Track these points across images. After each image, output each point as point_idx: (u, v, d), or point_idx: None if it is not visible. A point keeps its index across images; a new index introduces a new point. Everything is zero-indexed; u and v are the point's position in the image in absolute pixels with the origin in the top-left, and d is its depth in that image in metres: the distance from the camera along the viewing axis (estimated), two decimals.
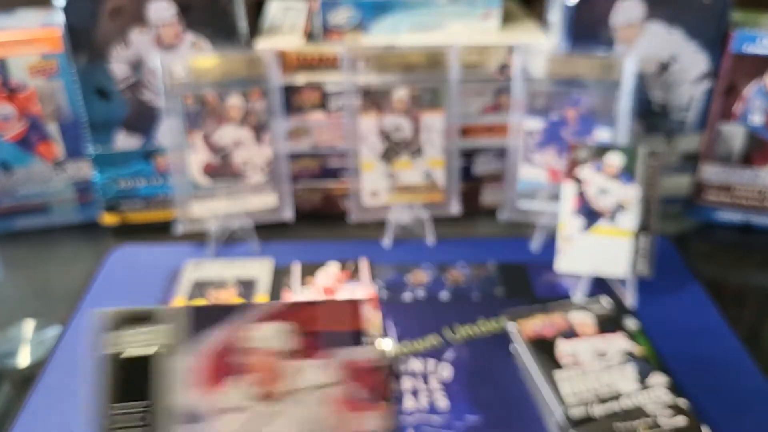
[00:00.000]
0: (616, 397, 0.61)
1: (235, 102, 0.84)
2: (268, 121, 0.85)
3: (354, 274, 0.82)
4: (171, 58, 0.82)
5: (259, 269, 0.83)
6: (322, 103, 0.88)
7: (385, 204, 0.89)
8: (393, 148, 0.87)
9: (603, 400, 0.61)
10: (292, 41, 0.87)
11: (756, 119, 0.88)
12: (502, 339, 0.71)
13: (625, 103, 0.83)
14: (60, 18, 0.81)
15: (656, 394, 0.61)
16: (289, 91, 0.87)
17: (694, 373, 0.68)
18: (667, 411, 0.60)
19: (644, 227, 0.77)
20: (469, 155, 0.93)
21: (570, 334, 0.68)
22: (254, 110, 0.85)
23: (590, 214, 0.78)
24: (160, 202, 0.93)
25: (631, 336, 0.68)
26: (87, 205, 0.94)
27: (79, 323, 0.75)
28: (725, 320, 0.76)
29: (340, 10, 0.88)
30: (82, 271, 0.85)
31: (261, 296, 0.78)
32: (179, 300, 0.77)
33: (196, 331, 0.45)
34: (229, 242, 0.88)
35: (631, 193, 0.77)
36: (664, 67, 0.88)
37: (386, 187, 0.88)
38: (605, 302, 0.73)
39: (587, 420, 0.59)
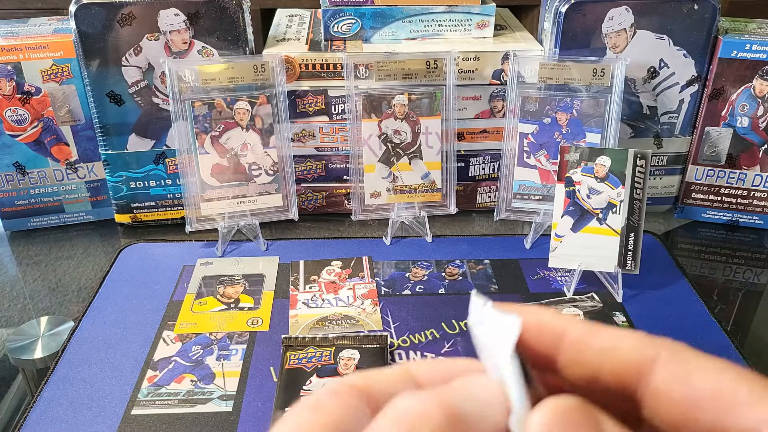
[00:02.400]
0: None
1: (242, 106, 0.84)
2: (273, 124, 0.86)
3: (356, 271, 0.84)
4: (180, 64, 0.82)
5: (266, 266, 0.84)
6: (326, 107, 0.90)
7: (385, 204, 0.90)
8: (393, 151, 0.89)
9: None
10: (297, 49, 0.88)
11: (743, 122, 0.90)
12: None
13: (614, 107, 0.84)
14: (72, 25, 0.81)
15: None
16: (294, 96, 0.89)
17: None
18: None
19: (632, 226, 0.78)
20: (465, 157, 0.94)
21: None
22: (260, 114, 0.85)
23: (581, 214, 0.79)
24: (170, 202, 0.94)
25: None
26: (99, 204, 0.95)
27: (91, 318, 0.75)
28: (711, 314, 0.76)
29: (342, 20, 0.90)
30: (95, 268, 0.87)
31: (267, 292, 0.80)
32: (189, 296, 0.79)
33: None
34: (237, 240, 0.89)
35: (620, 194, 0.77)
36: (653, 72, 0.90)
37: (387, 188, 0.90)
38: (595, 298, 0.74)
39: None
